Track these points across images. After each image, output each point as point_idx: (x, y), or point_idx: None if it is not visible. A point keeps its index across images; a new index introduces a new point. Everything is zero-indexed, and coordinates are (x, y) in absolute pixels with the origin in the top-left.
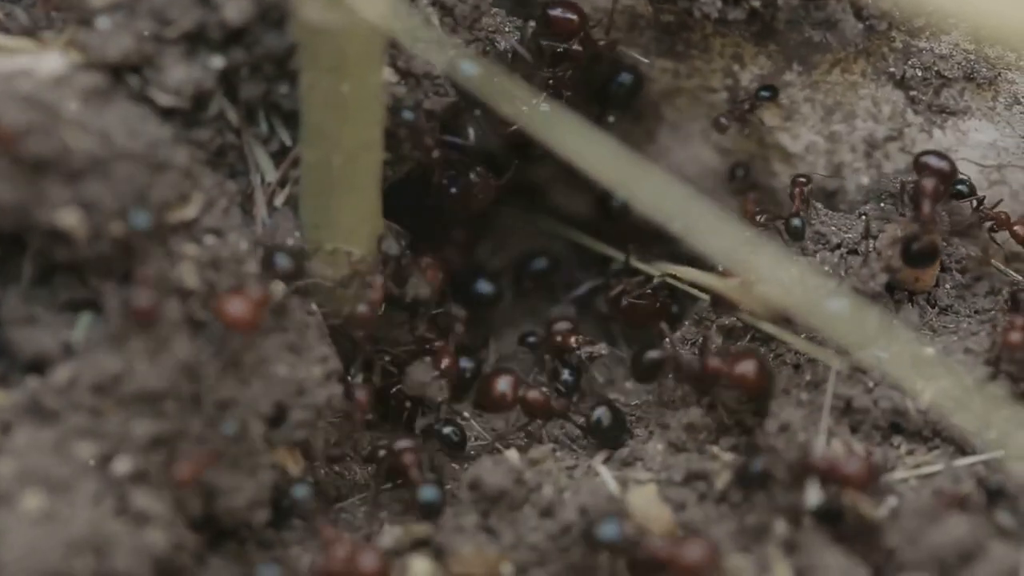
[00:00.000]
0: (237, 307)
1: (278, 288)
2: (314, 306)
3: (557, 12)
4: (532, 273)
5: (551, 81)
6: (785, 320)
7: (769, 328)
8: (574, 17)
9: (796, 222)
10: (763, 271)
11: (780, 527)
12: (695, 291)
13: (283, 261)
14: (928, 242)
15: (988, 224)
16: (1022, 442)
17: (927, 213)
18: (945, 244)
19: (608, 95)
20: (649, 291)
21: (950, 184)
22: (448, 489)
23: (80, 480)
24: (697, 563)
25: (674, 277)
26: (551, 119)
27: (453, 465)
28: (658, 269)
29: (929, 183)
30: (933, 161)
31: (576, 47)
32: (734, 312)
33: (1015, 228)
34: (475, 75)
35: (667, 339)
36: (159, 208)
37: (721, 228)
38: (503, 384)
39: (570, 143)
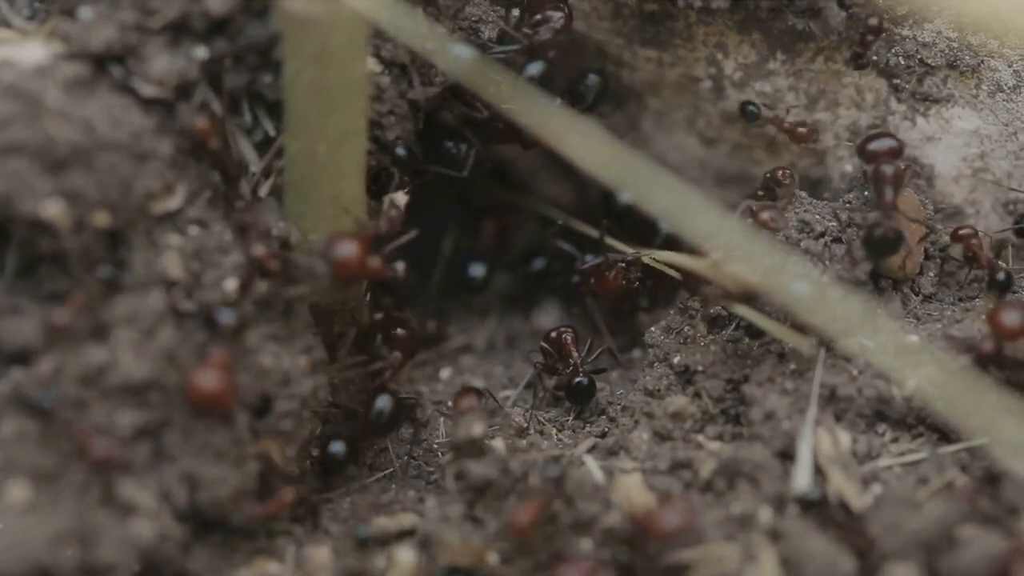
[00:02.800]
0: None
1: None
2: (299, 296)
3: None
4: (534, 273)
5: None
6: (753, 299)
7: (749, 315)
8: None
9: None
10: (735, 252)
11: (765, 515)
12: (671, 272)
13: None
14: (890, 229)
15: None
16: (1006, 429)
17: (888, 200)
18: (928, 232)
19: (576, 96)
20: (622, 266)
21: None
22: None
23: (65, 471)
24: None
25: (653, 260)
26: (541, 108)
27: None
28: (634, 250)
29: (887, 169)
30: (879, 145)
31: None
32: (703, 289)
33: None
34: (468, 59)
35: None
36: (143, 198)
37: (699, 210)
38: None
39: (556, 130)
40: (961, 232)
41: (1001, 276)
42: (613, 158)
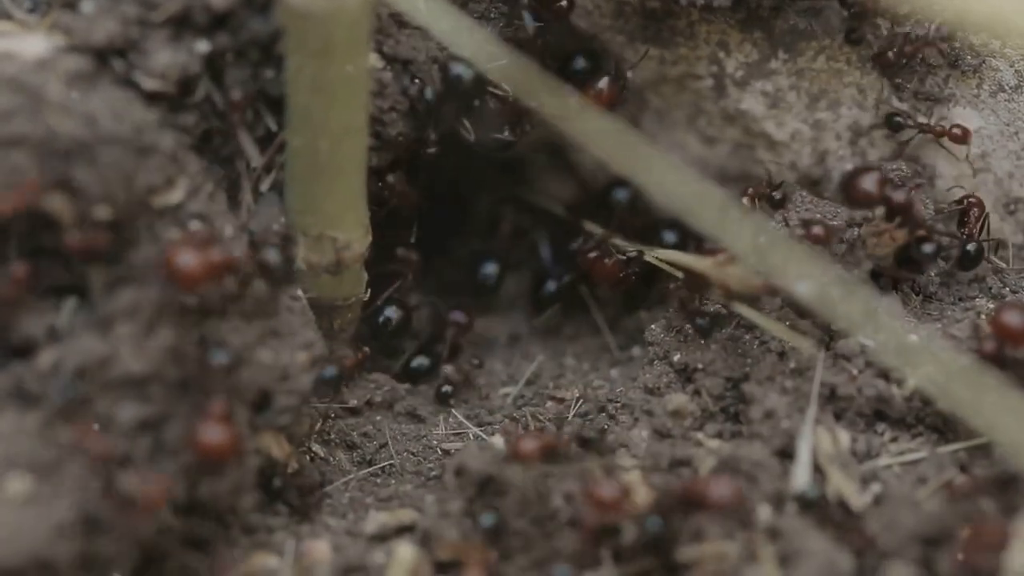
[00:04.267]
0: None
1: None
2: (299, 292)
3: None
4: (547, 297)
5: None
6: (757, 299)
7: (751, 315)
8: None
9: None
10: (741, 251)
11: (764, 513)
12: (670, 269)
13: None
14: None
15: None
16: (1008, 428)
17: (920, 217)
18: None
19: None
20: (622, 257)
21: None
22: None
23: (66, 464)
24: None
25: (656, 259)
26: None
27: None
28: (636, 247)
29: (900, 194)
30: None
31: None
32: (706, 289)
33: None
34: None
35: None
36: (145, 192)
37: (712, 204)
38: None
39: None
40: (970, 199)
41: (971, 247)
42: (631, 150)
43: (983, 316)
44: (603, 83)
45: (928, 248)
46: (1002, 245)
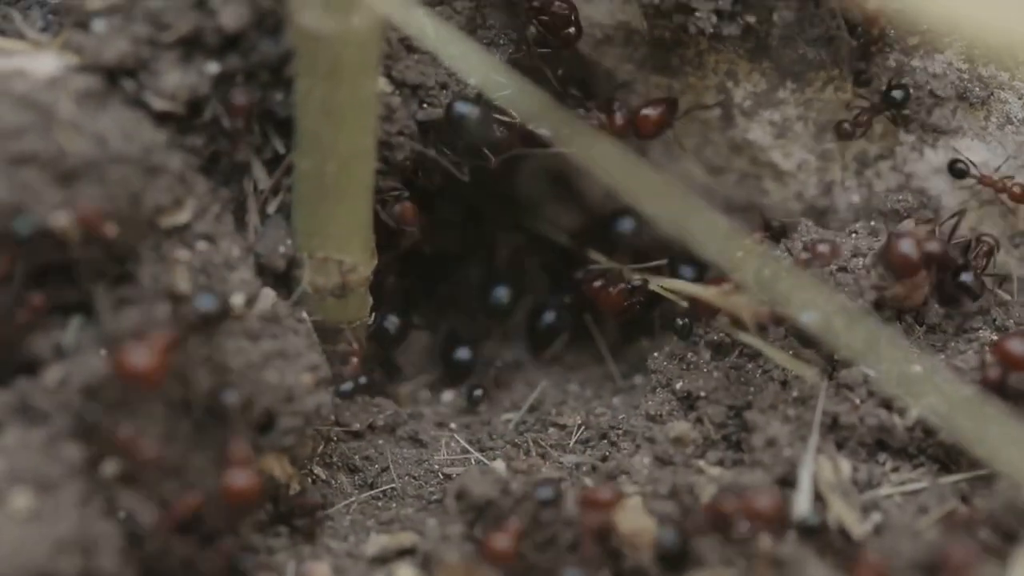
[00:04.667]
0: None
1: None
2: (304, 314)
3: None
4: (545, 329)
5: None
6: (761, 327)
7: (755, 343)
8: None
9: None
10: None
11: (765, 541)
12: (675, 299)
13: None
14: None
15: None
16: (1010, 459)
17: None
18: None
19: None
20: (626, 286)
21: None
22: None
23: (68, 480)
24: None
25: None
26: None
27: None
28: (641, 276)
29: (935, 245)
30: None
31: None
32: (713, 317)
33: None
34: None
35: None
36: (153, 212)
37: (718, 234)
38: None
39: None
40: (984, 237)
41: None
42: (637, 179)
43: (987, 347)
44: (616, 110)
45: (967, 277)
46: (1007, 279)
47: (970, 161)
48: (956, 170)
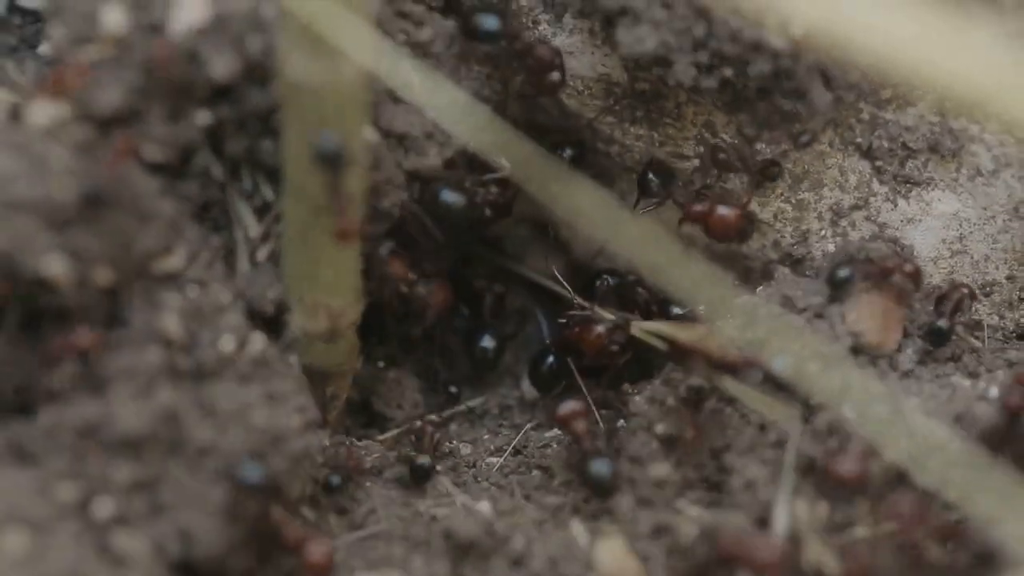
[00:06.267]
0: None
1: None
2: (294, 358)
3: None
4: (547, 371)
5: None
6: (737, 371)
7: (730, 387)
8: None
9: None
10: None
11: None
12: (655, 342)
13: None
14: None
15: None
16: (983, 502)
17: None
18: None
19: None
20: (603, 329)
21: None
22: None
23: (62, 521)
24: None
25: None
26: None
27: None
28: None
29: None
30: None
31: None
32: (689, 359)
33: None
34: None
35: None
36: (144, 258)
37: (694, 274)
38: None
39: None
40: (962, 288)
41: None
42: (619, 226)
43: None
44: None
45: (942, 323)
46: (978, 326)
47: None
48: None
